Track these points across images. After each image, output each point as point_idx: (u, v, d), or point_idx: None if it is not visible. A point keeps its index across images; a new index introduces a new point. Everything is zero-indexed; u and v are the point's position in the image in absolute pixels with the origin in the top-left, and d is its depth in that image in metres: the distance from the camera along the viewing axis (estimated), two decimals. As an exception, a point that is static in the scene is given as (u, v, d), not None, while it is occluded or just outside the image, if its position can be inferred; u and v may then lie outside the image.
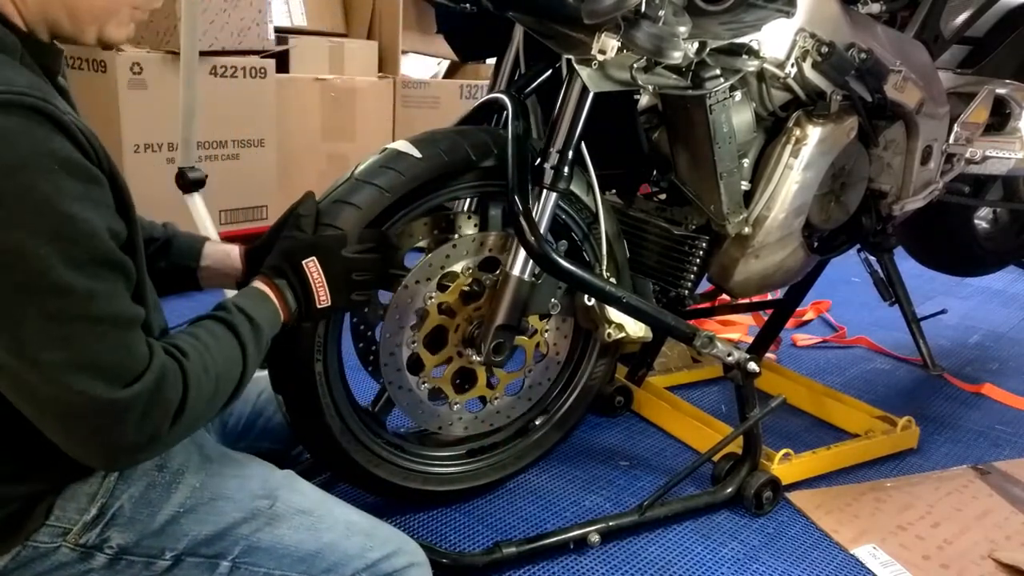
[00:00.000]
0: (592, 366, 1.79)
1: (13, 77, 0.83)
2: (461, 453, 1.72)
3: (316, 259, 1.23)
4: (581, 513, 1.74)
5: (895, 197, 2.00)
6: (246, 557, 1.04)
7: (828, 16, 1.70)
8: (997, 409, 2.38)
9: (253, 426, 1.47)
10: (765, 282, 1.87)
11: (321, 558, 1.06)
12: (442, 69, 4.28)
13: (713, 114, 1.60)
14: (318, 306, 1.24)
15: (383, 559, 1.09)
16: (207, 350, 1.00)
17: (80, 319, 0.85)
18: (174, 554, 1.02)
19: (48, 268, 0.81)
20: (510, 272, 1.52)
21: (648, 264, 1.84)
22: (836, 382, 2.47)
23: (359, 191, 1.42)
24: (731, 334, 2.79)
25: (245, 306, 1.12)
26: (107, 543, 0.99)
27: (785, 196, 1.74)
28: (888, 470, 1.98)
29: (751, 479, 1.76)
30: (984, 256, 2.72)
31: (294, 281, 1.22)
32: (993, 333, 3.04)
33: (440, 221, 1.59)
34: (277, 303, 1.19)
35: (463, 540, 1.63)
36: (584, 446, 2.01)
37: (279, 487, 1.10)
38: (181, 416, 0.93)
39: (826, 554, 1.65)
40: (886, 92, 1.81)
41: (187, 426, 0.96)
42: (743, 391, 1.74)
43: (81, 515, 0.99)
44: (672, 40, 1.31)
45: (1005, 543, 1.69)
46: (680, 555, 1.62)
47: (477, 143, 1.51)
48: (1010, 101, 2.22)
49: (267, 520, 1.06)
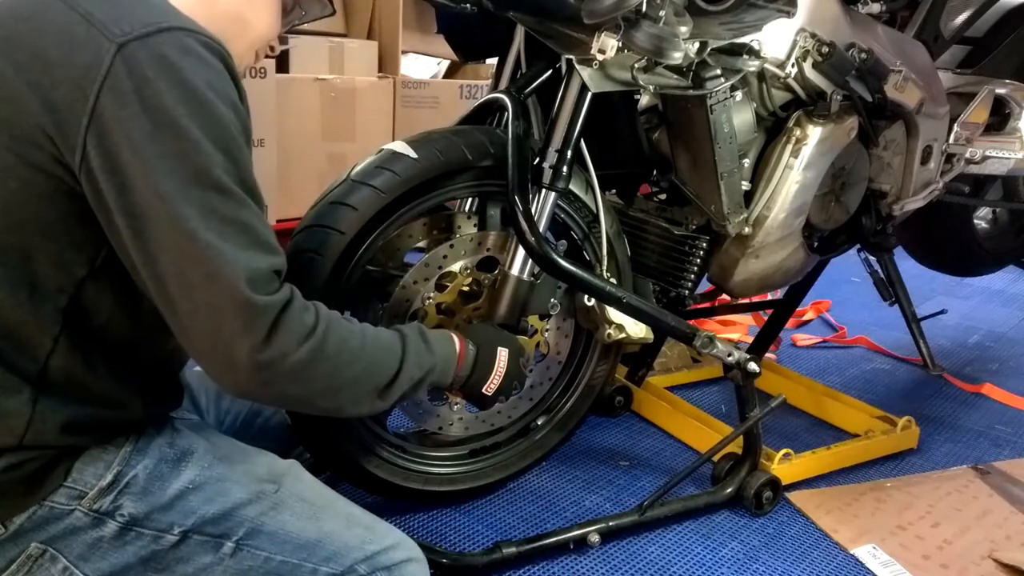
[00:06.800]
0: (594, 366, 1.79)
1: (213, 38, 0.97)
2: (463, 453, 1.72)
3: (509, 353, 1.35)
4: (581, 513, 1.74)
5: (895, 197, 2.00)
6: (249, 540, 1.06)
7: (828, 16, 1.70)
8: (997, 409, 2.38)
9: (251, 425, 1.47)
10: (765, 282, 1.87)
11: (321, 547, 1.08)
12: (442, 69, 4.27)
13: (714, 114, 1.60)
14: (484, 390, 1.33)
15: (381, 552, 1.10)
16: (362, 330, 1.09)
17: (232, 222, 0.93)
18: (182, 530, 1.03)
19: (214, 165, 0.92)
20: (509, 272, 1.52)
21: (648, 264, 1.84)
22: (836, 382, 2.47)
23: (355, 192, 1.42)
24: (731, 334, 2.79)
25: (425, 331, 1.22)
26: (119, 510, 1.01)
27: (785, 196, 1.74)
28: (888, 470, 1.98)
29: (751, 479, 1.76)
30: (984, 256, 2.72)
31: (482, 358, 1.31)
32: (993, 333, 3.04)
33: (439, 221, 1.59)
34: (458, 353, 1.27)
35: (463, 540, 1.63)
36: (584, 446, 2.01)
37: (284, 474, 1.12)
38: (315, 358, 0.99)
39: (826, 554, 1.65)
40: (886, 92, 1.81)
41: (319, 374, 1.01)
42: (743, 391, 1.74)
43: (97, 480, 1.01)
44: (673, 40, 1.31)
45: (1005, 543, 1.69)
46: (680, 555, 1.62)
47: (474, 143, 1.51)
48: (1010, 101, 2.22)
49: (271, 504, 1.08)
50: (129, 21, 0.91)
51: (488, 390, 1.32)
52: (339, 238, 1.40)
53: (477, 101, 1.67)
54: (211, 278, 0.91)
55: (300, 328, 0.98)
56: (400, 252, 1.58)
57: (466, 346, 1.29)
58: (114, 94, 0.89)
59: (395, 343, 1.15)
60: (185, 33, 0.93)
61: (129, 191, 0.90)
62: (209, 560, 1.05)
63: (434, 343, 1.22)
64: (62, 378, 0.98)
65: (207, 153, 0.91)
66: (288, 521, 1.08)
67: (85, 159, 0.90)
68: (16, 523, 0.98)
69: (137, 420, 1.06)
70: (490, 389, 1.33)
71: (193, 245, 0.90)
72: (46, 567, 1.00)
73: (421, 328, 1.22)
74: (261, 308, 0.93)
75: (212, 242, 0.91)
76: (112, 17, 0.91)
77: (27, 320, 0.95)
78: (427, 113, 3.63)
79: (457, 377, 1.28)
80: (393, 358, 1.13)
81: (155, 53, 0.90)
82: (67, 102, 0.89)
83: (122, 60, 0.89)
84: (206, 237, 0.91)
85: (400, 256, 1.58)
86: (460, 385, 1.30)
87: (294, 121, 3.29)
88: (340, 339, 1.03)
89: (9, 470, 0.96)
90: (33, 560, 1.00)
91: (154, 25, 0.91)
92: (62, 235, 0.95)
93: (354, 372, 1.06)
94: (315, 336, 0.99)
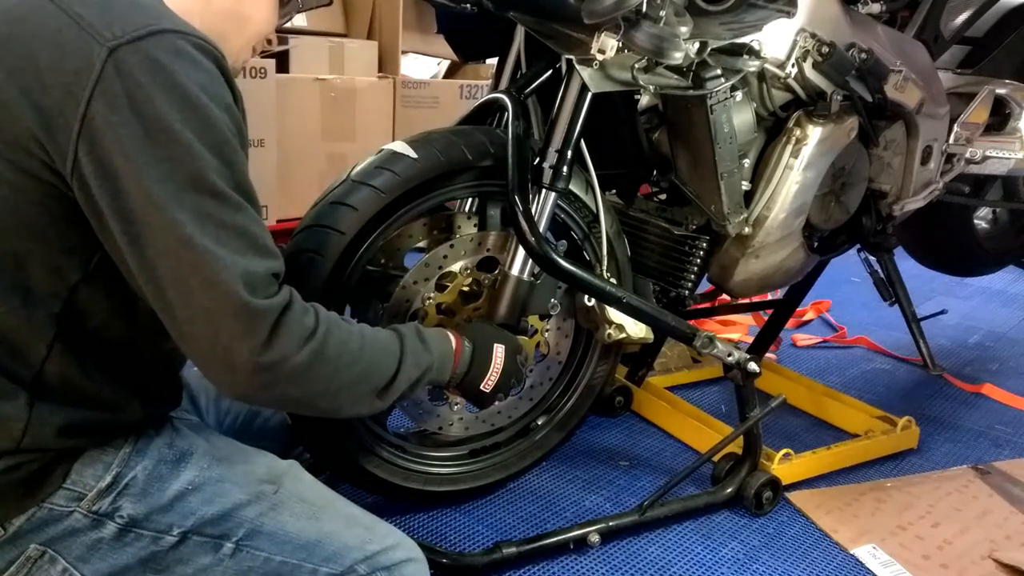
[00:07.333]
0: (594, 366, 1.79)
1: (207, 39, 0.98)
2: (463, 453, 1.72)
3: (505, 350, 1.34)
4: (581, 513, 1.74)
5: (895, 197, 2.00)
6: (249, 540, 1.06)
7: (829, 16, 1.70)
8: (997, 409, 2.38)
9: (251, 425, 1.47)
10: (765, 282, 1.87)
11: (321, 547, 1.07)
12: (442, 69, 4.27)
13: (714, 114, 1.60)
14: (482, 387, 1.32)
15: (381, 552, 1.10)
16: (361, 331, 1.08)
17: (229, 226, 0.93)
18: (181, 531, 1.03)
19: (208, 170, 0.91)
20: (509, 272, 1.52)
21: (648, 264, 1.84)
22: (836, 382, 2.47)
23: (355, 192, 1.42)
24: (731, 334, 2.79)
25: (421, 329, 1.22)
26: (118, 512, 1.01)
27: (785, 196, 1.73)
28: (888, 470, 1.98)
29: (751, 479, 1.76)
30: (984, 256, 2.72)
31: (478, 355, 1.30)
32: (993, 333, 3.04)
33: (439, 221, 1.59)
34: (454, 350, 1.27)
35: (463, 540, 1.63)
36: (584, 446, 2.01)
37: (284, 474, 1.12)
38: (315, 360, 0.98)
39: (826, 554, 1.65)
40: (886, 92, 1.81)
41: (319, 376, 1.00)
42: (743, 391, 1.74)
43: (96, 481, 1.01)
44: (673, 40, 1.31)
45: (1005, 543, 1.69)
46: (680, 555, 1.62)
47: (474, 143, 1.51)
48: (1010, 101, 2.22)
49: (271, 505, 1.08)
50: (120, 24, 0.90)
51: (486, 387, 1.32)
52: (339, 238, 1.40)
53: (477, 101, 1.67)
54: (209, 283, 0.91)
55: (300, 331, 0.98)
56: (400, 252, 1.58)
57: (462, 343, 1.29)
58: (106, 99, 0.88)
59: (393, 343, 1.14)
60: (177, 35, 0.92)
61: (123, 197, 0.89)
62: (209, 561, 1.05)
63: (431, 342, 1.22)
64: (58, 382, 0.98)
65: (201, 158, 0.91)
66: (288, 521, 1.08)
67: (77, 165, 0.89)
68: (15, 525, 0.98)
69: (136, 421, 1.05)
70: (487, 386, 1.32)
71: (189, 251, 0.90)
72: (45, 568, 1.00)
73: (418, 327, 1.22)
74: (261, 312, 0.93)
75: (209, 247, 0.91)
76: (104, 20, 0.91)
77: (21, 326, 0.95)
78: (427, 113, 3.63)
79: (454, 375, 1.28)
80: (391, 359, 1.13)
81: (147, 57, 0.89)
82: (58, 108, 0.89)
83: (113, 65, 0.88)
84: (202, 243, 0.90)
85: (400, 256, 1.58)
86: (457, 383, 1.30)
87: (294, 121, 3.29)
88: (340, 341, 1.03)
89: (7, 472, 0.96)
90: (32, 562, 0.99)
91: (145, 28, 0.91)
92: (54, 240, 0.94)
93: (353, 373, 1.06)
94: (315, 338, 0.99)
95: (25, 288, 0.95)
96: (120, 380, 1.03)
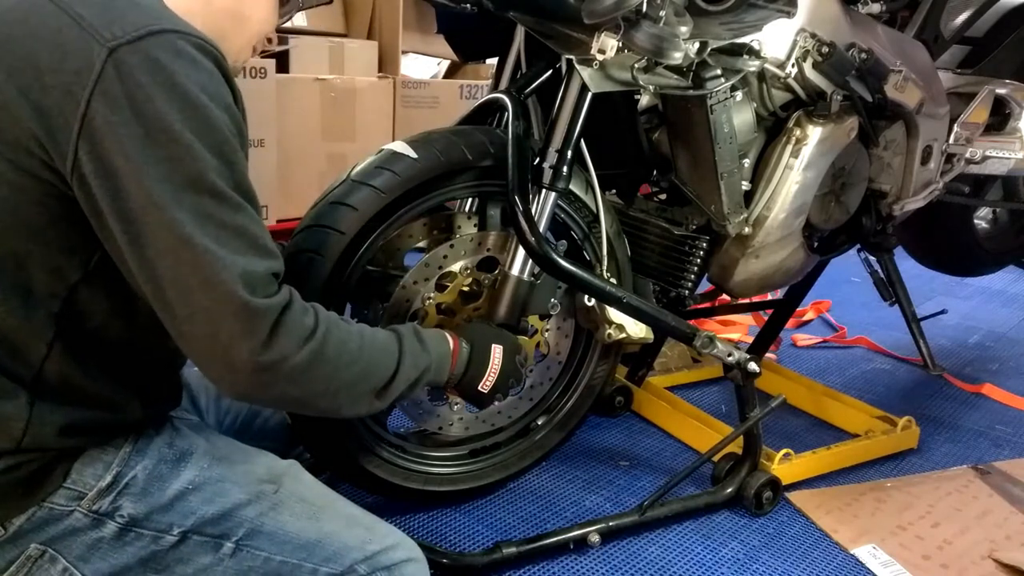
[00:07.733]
0: (594, 366, 1.79)
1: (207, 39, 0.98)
2: (463, 453, 1.72)
3: (503, 351, 1.34)
4: (581, 513, 1.74)
5: (895, 197, 2.00)
6: (249, 540, 1.06)
7: (829, 16, 1.70)
8: (997, 409, 2.38)
9: (251, 425, 1.47)
10: (765, 282, 1.87)
11: (321, 547, 1.08)
12: (442, 69, 4.27)
13: (714, 114, 1.60)
14: (480, 388, 1.32)
15: (381, 552, 1.10)
16: (360, 331, 1.09)
17: (228, 226, 0.93)
18: (181, 531, 1.03)
19: (208, 170, 0.92)
20: (509, 272, 1.52)
21: (648, 264, 1.84)
22: (836, 382, 2.47)
23: (356, 192, 1.42)
24: (731, 334, 2.79)
25: (420, 330, 1.22)
26: (118, 511, 1.01)
27: (785, 196, 1.74)
28: (888, 470, 1.98)
29: (751, 479, 1.76)
30: (984, 256, 2.72)
31: (476, 356, 1.31)
32: (993, 333, 3.04)
33: (439, 221, 1.59)
34: (452, 351, 1.27)
35: (463, 540, 1.63)
36: (584, 446, 2.01)
37: (284, 474, 1.12)
38: (315, 360, 0.99)
39: (826, 554, 1.65)
40: (886, 92, 1.81)
41: (318, 376, 1.01)
42: (743, 391, 1.74)
43: (96, 481, 1.01)
44: (673, 40, 1.31)
45: (1005, 543, 1.69)
46: (680, 555, 1.62)
47: (474, 143, 1.51)
48: (1010, 101, 2.22)
49: (271, 505, 1.08)
50: (120, 24, 0.90)
51: (484, 387, 1.32)
52: (339, 238, 1.40)
53: (477, 101, 1.67)
54: (208, 283, 0.91)
55: (300, 330, 0.98)
56: (400, 252, 1.58)
57: (460, 344, 1.29)
58: (106, 99, 0.88)
59: (392, 344, 1.15)
60: (177, 35, 0.92)
61: (123, 197, 0.89)
62: (209, 560, 1.05)
63: (429, 342, 1.22)
64: (58, 382, 0.98)
65: (201, 158, 0.91)
66: (288, 521, 1.08)
67: (77, 165, 0.89)
68: (16, 524, 0.98)
69: (136, 421, 1.06)
70: (486, 386, 1.32)
71: (189, 251, 0.90)
72: (46, 568, 1.00)
73: (416, 327, 1.23)
74: (261, 311, 0.93)
75: (208, 247, 0.91)
76: (104, 20, 0.91)
77: (21, 326, 0.95)
78: (427, 113, 3.63)
79: (452, 375, 1.28)
80: (390, 359, 1.13)
81: (147, 57, 0.90)
82: (58, 108, 0.89)
83: (113, 65, 0.88)
84: (202, 242, 0.90)
85: (400, 256, 1.58)
86: (455, 383, 1.30)
87: (294, 121, 3.29)
88: (339, 341, 1.03)
89: (8, 472, 0.96)
90: (33, 561, 1.00)
91: (145, 28, 0.91)
92: (54, 240, 0.94)
93: (353, 373, 1.06)
94: (315, 338, 0.99)
95: (25, 288, 0.95)
96: (120, 380, 1.03)
